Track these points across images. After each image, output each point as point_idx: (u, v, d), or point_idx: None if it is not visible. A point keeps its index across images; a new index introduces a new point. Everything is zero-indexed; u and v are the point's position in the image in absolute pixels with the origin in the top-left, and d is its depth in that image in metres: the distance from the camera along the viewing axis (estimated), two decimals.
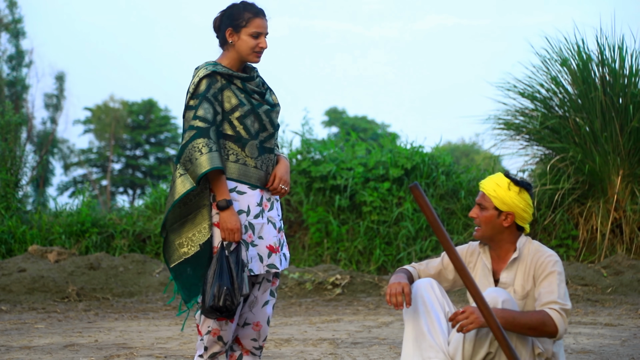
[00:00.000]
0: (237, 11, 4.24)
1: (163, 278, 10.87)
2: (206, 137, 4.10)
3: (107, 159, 39.21)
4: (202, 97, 4.17)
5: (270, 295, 4.37)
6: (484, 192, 3.93)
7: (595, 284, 10.38)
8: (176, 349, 6.39)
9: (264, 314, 4.34)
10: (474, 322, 3.63)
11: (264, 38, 4.25)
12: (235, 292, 4.06)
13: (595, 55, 11.95)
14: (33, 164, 30.72)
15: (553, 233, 11.88)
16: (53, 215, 13.45)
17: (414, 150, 13.16)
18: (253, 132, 4.22)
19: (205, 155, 4.07)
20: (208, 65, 4.24)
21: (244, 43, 4.22)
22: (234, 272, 4.07)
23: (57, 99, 36.63)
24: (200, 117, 4.13)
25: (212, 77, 4.21)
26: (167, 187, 14.30)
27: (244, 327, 4.34)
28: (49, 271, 10.51)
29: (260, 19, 4.23)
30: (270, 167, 4.30)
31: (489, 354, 3.74)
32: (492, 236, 3.93)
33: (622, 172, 11.58)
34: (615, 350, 6.12)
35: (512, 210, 3.90)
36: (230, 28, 4.24)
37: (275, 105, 4.36)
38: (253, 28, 4.21)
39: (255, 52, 4.24)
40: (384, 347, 6.44)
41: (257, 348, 4.38)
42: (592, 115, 11.75)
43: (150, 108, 40.13)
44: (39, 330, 7.64)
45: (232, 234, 4.11)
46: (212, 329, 4.22)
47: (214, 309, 4.08)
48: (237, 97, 4.22)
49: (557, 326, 3.68)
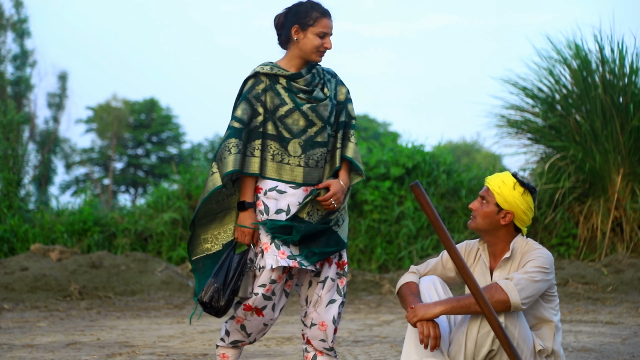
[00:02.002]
0: (304, 9, 4.23)
1: (165, 277, 10.89)
2: (237, 138, 4.14)
3: (109, 158, 39.23)
4: (243, 97, 4.22)
5: (337, 294, 4.32)
6: (489, 187, 3.95)
7: (596, 283, 10.40)
8: (178, 347, 6.40)
9: (329, 313, 4.28)
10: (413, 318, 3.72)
11: (329, 38, 4.23)
12: (225, 291, 4.07)
13: (595, 55, 11.97)
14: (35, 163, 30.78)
15: (554, 232, 11.90)
16: (55, 214, 13.49)
17: (415, 149, 13.18)
18: (296, 130, 4.21)
19: (232, 155, 4.11)
20: (258, 66, 4.27)
21: (310, 42, 4.21)
22: (231, 272, 4.09)
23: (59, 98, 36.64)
24: (237, 118, 4.18)
25: (256, 78, 4.24)
26: (168, 186, 14.33)
27: (311, 328, 4.29)
28: (51, 270, 10.54)
29: (327, 19, 4.23)
30: (322, 161, 4.27)
31: (491, 351, 3.75)
32: (487, 231, 3.95)
33: (622, 170, 11.60)
34: (616, 349, 6.14)
35: (512, 210, 3.92)
36: (296, 25, 4.22)
37: (324, 98, 4.30)
38: (320, 28, 4.20)
39: (319, 52, 4.23)
40: (385, 346, 6.45)
41: (328, 349, 4.32)
42: (593, 114, 11.77)
43: (152, 107, 40.13)
44: (41, 328, 7.66)
45: (243, 235, 4.14)
46: (237, 315, 4.23)
47: (201, 303, 4.12)
48: (280, 97, 4.22)
49: (505, 292, 3.69)
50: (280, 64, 4.29)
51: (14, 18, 33.62)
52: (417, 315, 3.75)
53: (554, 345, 3.89)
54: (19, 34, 33.74)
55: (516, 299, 3.68)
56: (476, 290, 3.60)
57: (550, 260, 3.84)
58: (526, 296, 3.71)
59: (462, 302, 3.70)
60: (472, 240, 4.13)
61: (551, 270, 3.83)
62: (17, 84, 33.75)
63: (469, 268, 3.79)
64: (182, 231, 12.89)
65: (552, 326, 3.91)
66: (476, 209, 3.96)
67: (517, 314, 3.74)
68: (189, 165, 15.86)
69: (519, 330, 3.74)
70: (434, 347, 3.72)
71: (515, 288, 3.70)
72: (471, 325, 3.75)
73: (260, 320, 4.21)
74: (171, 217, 12.87)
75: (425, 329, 3.72)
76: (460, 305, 3.72)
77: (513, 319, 3.73)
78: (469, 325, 3.76)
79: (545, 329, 3.91)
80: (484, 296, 3.60)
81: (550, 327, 3.91)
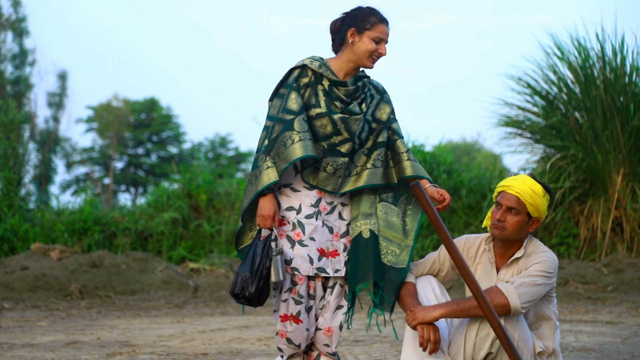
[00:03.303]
0: (363, 13, 4.21)
1: (165, 276, 10.90)
2: (291, 130, 4.10)
3: (110, 158, 39.21)
4: (291, 87, 4.19)
5: (345, 299, 4.32)
6: (519, 197, 3.87)
7: (596, 282, 10.40)
8: (178, 346, 6.41)
9: (337, 319, 4.29)
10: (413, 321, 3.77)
11: (384, 45, 4.22)
12: (254, 278, 4.05)
13: (596, 53, 11.97)
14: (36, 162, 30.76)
15: (554, 231, 11.90)
16: (55, 213, 13.49)
17: (415, 148, 13.18)
18: (321, 134, 4.18)
19: (290, 147, 4.08)
20: (307, 59, 4.25)
21: (364, 45, 4.19)
22: (257, 258, 4.06)
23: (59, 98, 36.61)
24: (288, 110, 4.14)
25: (303, 70, 4.22)
26: (169, 185, 14.31)
27: (316, 332, 4.29)
28: (51, 269, 10.54)
29: (385, 26, 4.21)
30: (342, 170, 4.21)
31: (490, 354, 3.75)
32: (516, 239, 3.93)
33: (622, 170, 11.60)
34: (616, 348, 6.14)
35: (540, 217, 3.90)
36: (353, 28, 4.20)
37: (359, 113, 4.25)
38: (376, 33, 4.18)
39: (372, 57, 4.21)
40: (385, 345, 6.46)
41: (331, 354, 4.32)
42: (593, 114, 11.77)
43: (152, 106, 40.12)
44: (41, 328, 7.66)
45: (263, 220, 4.10)
46: (278, 330, 4.22)
47: (232, 295, 4.10)
48: (317, 97, 4.20)
49: (505, 296, 3.69)
50: (330, 63, 4.26)
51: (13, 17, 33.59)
52: (417, 318, 3.75)
53: (554, 344, 3.89)
54: (17, 33, 33.71)
55: (516, 303, 3.68)
56: (476, 289, 3.60)
57: (555, 264, 3.83)
58: (526, 300, 3.71)
59: (462, 306, 3.71)
60: (472, 235, 4.11)
61: (554, 274, 3.83)
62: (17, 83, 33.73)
63: (469, 267, 3.79)
64: (182, 230, 12.89)
65: (551, 324, 3.92)
66: (505, 220, 3.90)
67: (517, 317, 3.75)
68: (190, 165, 15.86)
69: (519, 333, 3.74)
70: (432, 351, 3.73)
71: (515, 292, 3.69)
72: (470, 327, 3.75)
73: (302, 327, 4.20)
74: (171, 216, 12.87)
75: (426, 332, 3.72)
76: (460, 308, 3.72)
77: (513, 321, 3.73)
78: (467, 328, 3.76)
79: (545, 327, 3.92)
80: (484, 295, 3.60)
81: (549, 325, 3.92)
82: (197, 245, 12.85)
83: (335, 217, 4.25)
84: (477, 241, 4.07)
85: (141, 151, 40.12)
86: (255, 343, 6.62)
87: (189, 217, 13.01)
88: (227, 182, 13.84)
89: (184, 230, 12.90)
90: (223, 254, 12.32)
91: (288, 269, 4.14)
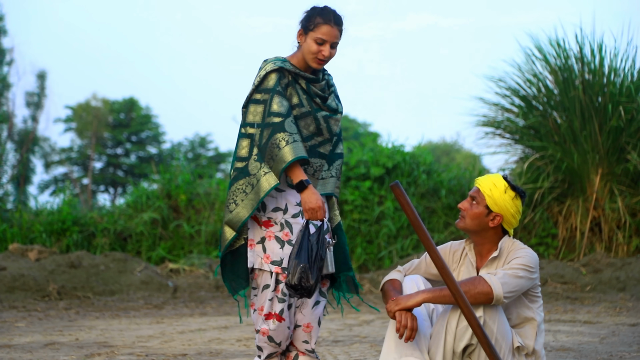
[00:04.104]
0: (311, 14, 4.20)
1: (144, 276, 10.86)
2: (282, 132, 4.06)
3: (88, 158, 39.03)
4: (274, 91, 4.14)
5: (321, 295, 4.33)
6: (480, 188, 3.96)
7: (575, 282, 10.45)
8: (157, 347, 6.39)
9: (315, 315, 4.30)
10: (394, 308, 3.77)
11: (328, 46, 4.17)
12: (312, 269, 4.03)
13: (575, 54, 12.03)
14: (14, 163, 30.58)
15: (533, 231, 11.95)
16: (34, 213, 13.42)
17: (395, 149, 13.21)
18: (305, 134, 4.20)
19: (284, 148, 4.04)
20: (277, 61, 4.22)
21: (307, 47, 4.18)
22: (313, 250, 4.04)
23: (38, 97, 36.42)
24: (275, 113, 4.10)
25: (280, 73, 4.19)
26: (148, 186, 14.26)
27: (295, 330, 4.30)
28: (29, 270, 10.48)
29: (329, 27, 4.16)
30: (320, 172, 4.26)
31: (470, 345, 3.77)
32: (475, 231, 3.97)
33: (601, 170, 11.66)
34: (594, 348, 6.17)
35: (501, 213, 3.94)
36: (301, 29, 4.22)
37: (336, 111, 4.31)
38: (318, 34, 4.16)
39: (316, 59, 4.19)
40: (365, 345, 6.46)
41: (310, 350, 4.33)
42: (572, 114, 11.83)
43: (131, 106, 39.98)
44: (19, 329, 7.62)
45: (314, 212, 4.07)
46: (261, 328, 4.21)
47: (290, 287, 4.05)
48: (299, 97, 4.20)
49: (489, 284, 3.72)
50: (291, 61, 4.26)
51: None
52: (399, 304, 3.77)
53: (536, 345, 3.91)
54: None
55: (499, 292, 3.71)
56: (455, 289, 3.62)
57: (535, 260, 3.87)
58: (509, 290, 3.74)
59: (445, 292, 3.72)
60: (457, 241, 4.15)
61: (535, 270, 3.86)
62: None
63: (449, 268, 3.81)
64: (161, 231, 12.85)
65: (534, 325, 3.94)
66: (465, 209, 3.97)
67: (496, 309, 3.76)
68: (169, 165, 15.81)
69: (497, 326, 3.76)
70: (408, 338, 3.74)
71: (498, 281, 3.73)
72: (451, 318, 3.77)
73: (284, 325, 4.20)
74: (151, 217, 12.83)
75: (404, 319, 3.74)
76: (442, 294, 3.73)
77: (492, 314, 3.75)
78: (448, 319, 3.78)
79: (528, 328, 3.94)
80: (462, 295, 3.62)
81: (533, 326, 3.94)
82: (176, 246, 12.82)
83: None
84: (462, 245, 4.12)
85: (120, 151, 39.98)
86: (235, 344, 6.61)
87: (169, 218, 12.97)
88: (206, 182, 13.81)
89: (164, 231, 12.86)
90: (202, 255, 12.30)
91: (278, 269, 4.15)
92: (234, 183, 4.18)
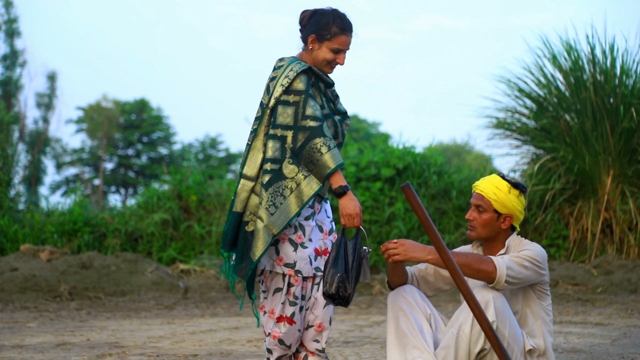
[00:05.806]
0: (325, 21, 4.16)
1: (155, 277, 10.88)
2: (322, 136, 4.03)
3: (100, 159, 39.13)
4: (307, 93, 4.09)
5: None
6: (483, 194, 3.93)
7: (586, 284, 10.43)
8: (168, 347, 6.40)
9: (326, 314, 4.27)
10: (400, 254, 3.73)
11: (343, 55, 4.18)
12: (350, 279, 3.96)
13: (586, 55, 12.00)
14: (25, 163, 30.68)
15: (544, 233, 11.92)
16: (45, 214, 13.46)
17: (405, 150, 13.20)
18: None
19: (326, 154, 4.00)
20: (300, 61, 4.17)
21: (323, 54, 4.16)
22: (349, 258, 3.97)
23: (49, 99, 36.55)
24: (310, 116, 4.05)
25: (308, 74, 4.15)
26: (159, 186, 14.28)
27: (307, 330, 4.28)
28: (41, 270, 10.51)
29: (346, 36, 4.16)
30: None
31: (483, 350, 3.76)
32: (488, 237, 3.96)
33: (612, 172, 11.63)
34: (606, 350, 6.16)
35: (511, 213, 3.93)
36: (314, 35, 4.17)
37: (346, 115, 4.29)
38: (336, 44, 4.14)
39: (329, 65, 4.19)
40: (376, 346, 6.46)
41: (320, 350, 4.31)
42: (583, 116, 11.80)
43: (142, 107, 40.05)
44: (31, 329, 7.64)
45: (351, 219, 4.03)
46: (271, 331, 4.19)
47: (327, 296, 3.98)
48: (322, 99, 4.19)
49: (494, 264, 3.71)
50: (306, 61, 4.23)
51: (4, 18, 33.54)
52: (406, 252, 3.74)
53: (546, 343, 3.90)
54: (8, 34, 33.65)
55: (502, 273, 3.71)
56: (466, 289, 3.61)
57: (543, 255, 3.86)
58: (512, 275, 3.74)
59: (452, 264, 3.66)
60: (465, 246, 4.15)
61: (543, 266, 3.85)
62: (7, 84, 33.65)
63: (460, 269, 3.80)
64: (172, 231, 12.87)
65: (544, 323, 3.93)
66: (474, 219, 3.94)
67: (507, 314, 3.75)
68: (180, 166, 15.84)
69: (509, 330, 3.75)
70: None
71: (504, 264, 3.73)
72: (464, 324, 3.76)
73: (295, 328, 4.19)
74: (162, 217, 12.86)
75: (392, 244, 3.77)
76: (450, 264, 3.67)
77: (503, 318, 3.74)
78: (461, 324, 3.77)
79: (536, 327, 3.93)
80: (473, 296, 3.61)
81: (541, 325, 3.93)
82: (187, 247, 12.83)
83: (323, 215, 4.27)
84: (471, 248, 4.11)
85: (131, 152, 40.05)
86: (246, 344, 6.62)
87: (179, 218, 12.99)
88: (217, 183, 13.82)
89: (174, 232, 12.88)
90: (213, 255, 12.31)
91: (291, 272, 4.13)
92: (272, 184, 4.09)
